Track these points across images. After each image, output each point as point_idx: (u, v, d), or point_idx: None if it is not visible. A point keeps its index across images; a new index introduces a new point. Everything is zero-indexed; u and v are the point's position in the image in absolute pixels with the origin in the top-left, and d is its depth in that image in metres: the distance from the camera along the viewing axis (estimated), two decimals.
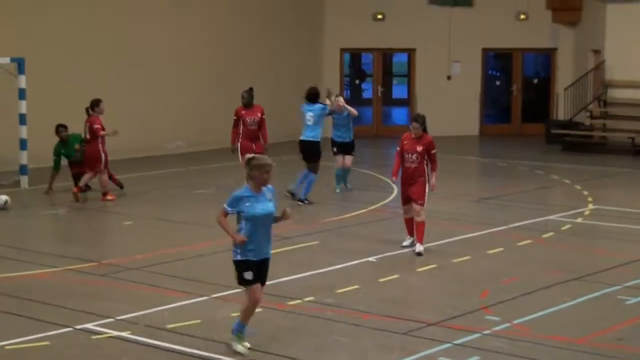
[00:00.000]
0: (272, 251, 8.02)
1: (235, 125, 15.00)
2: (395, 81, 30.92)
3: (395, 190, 16.89)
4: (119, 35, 20.21)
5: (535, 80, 28.44)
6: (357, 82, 29.70)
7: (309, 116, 15.44)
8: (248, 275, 8.05)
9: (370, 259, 11.27)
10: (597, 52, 25.30)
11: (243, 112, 14.89)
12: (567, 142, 23.38)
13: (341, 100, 16.25)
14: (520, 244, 12.26)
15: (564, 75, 26.57)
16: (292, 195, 15.36)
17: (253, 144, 14.75)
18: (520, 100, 27.41)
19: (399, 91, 30.08)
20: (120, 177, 16.25)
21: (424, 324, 8.51)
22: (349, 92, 28.04)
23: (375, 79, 26.65)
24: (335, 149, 16.41)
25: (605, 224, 13.89)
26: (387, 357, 7.86)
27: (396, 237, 12.13)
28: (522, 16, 26.30)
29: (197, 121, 21.74)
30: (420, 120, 11.64)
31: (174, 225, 13.63)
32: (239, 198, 8.00)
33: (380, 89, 26.64)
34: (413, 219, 11.57)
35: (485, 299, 9.51)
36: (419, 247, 11.21)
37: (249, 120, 14.80)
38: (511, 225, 13.61)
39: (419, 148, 11.82)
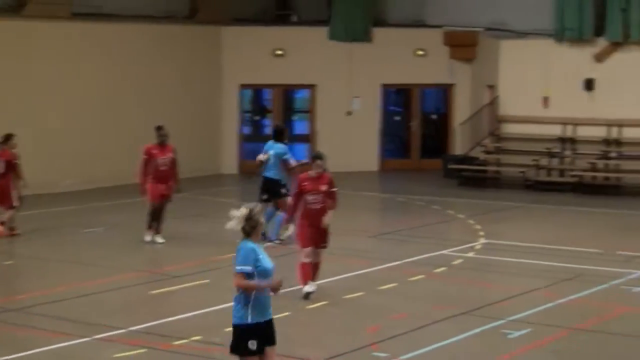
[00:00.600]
0: (161, 290, 7.96)
1: (145, 165, 14.32)
2: (296, 117, 31.25)
3: (291, 228, 17.17)
4: (13, 72, 20.14)
5: (434, 116, 29.21)
6: (257, 118, 30.00)
7: (269, 154, 15.53)
8: (252, 345, 7.31)
9: None
10: (491, 87, 26.27)
11: (155, 151, 14.30)
12: (463, 177, 24.10)
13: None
14: (413, 279, 12.57)
15: (461, 110, 27.46)
16: (263, 236, 14.79)
17: (164, 185, 14.32)
18: (419, 136, 28.01)
19: (300, 127, 30.46)
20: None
21: None
22: (249, 128, 28.31)
23: (275, 115, 26.94)
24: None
25: (495, 258, 14.35)
26: None
27: (291, 274, 12.20)
28: (420, 52, 27.06)
29: (91, 158, 21.64)
30: (323, 157, 11.68)
31: (58, 265, 13.49)
32: (251, 251, 7.40)
33: (281, 125, 26.70)
34: (313, 263, 11.52)
35: (374, 335, 9.68)
36: (312, 287, 11.25)
37: (160, 161, 14.25)
38: (406, 260, 13.93)
39: (323, 187, 11.72)
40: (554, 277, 13.49)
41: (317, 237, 11.36)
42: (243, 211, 7.57)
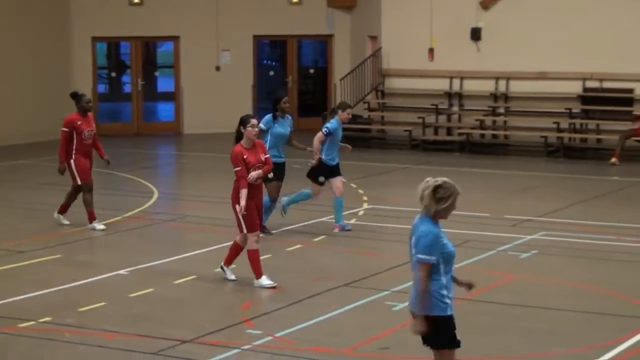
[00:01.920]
0: (5, 267, 7.86)
1: (68, 138, 13.56)
2: (158, 73, 31.25)
3: (156, 194, 17.22)
4: None
5: (312, 70, 29.58)
6: (113, 74, 29.97)
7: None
8: (453, 333, 7.46)
9: (122, 271, 11.33)
10: (374, 38, 26.71)
11: (79, 122, 13.54)
12: (345, 137, 24.07)
13: None
14: (290, 249, 12.85)
15: (341, 64, 27.83)
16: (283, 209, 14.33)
17: (89, 161, 13.74)
18: (297, 92, 28.36)
19: (163, 84, 30.52)
20: None
21: (177, 342, 8.73)
22: (105, 86, 27.97)
23: (134, 71, 26.92)
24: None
25: (379, 225, 14.76)
26: None
27: (153, 247, 12.40)
28: (295, 0, 27.36)
29: None
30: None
31: None
32: (436, 236, 7.27)
33: (140, 82, 26.97)
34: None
35: (248, 311, 9.89)
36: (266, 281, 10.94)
37: (86, 133, 13.56)
38: (282, 229, 14.17)
39: (263, 156, 11.22)
40: None
41: (259, 217, 11.09)
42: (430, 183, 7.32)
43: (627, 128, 23.69)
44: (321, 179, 14.20)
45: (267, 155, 11.28)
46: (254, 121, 11.04)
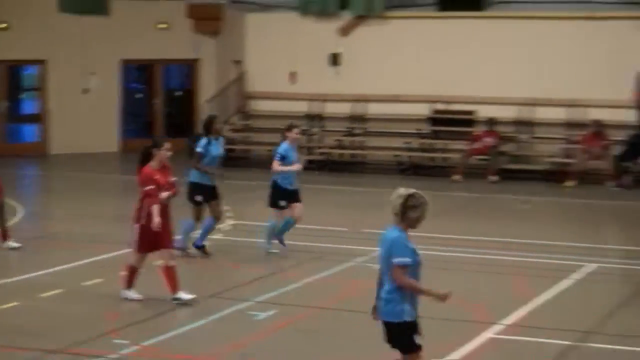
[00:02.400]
0: None
1: None
2: (24, 95, 31.47)
3: (22, 213, 17.08)
4: None
5: (179, 93, 29.82)
6: None
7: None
8: (419, 339, 7.48)
9: None
10: (238, 62, 27.24)
11: None
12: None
13: None
14: (154, 263, 12.90)
15: (207, 86, 28.28)
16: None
17: None
18: (163, 114, 28.71)
19: (28, 106, 30.71)
20: None
21: (45, 352, 8.77)
22: None
23: (0, 93, 26.77)
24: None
25: (242, 239, 15.05)
26: None
27: (18, 262, 12.46)
28: (162, 25, 27.65)
29: None
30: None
31: None
32: (407, 240, 7.46)
33: (4, 104, 26.78)
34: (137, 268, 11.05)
35: (114, 322, 9.97)
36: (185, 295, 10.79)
37: None
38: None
39: (170, 179, 11.20)
40: (301, 257, 14.28)
41: (166, 237, 11.01)
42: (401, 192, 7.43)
43: (468, 147, 24.61)
44: (282, 203, 13.95)
45: (175, 179, 11.21)
46: (168, 145, 10.96)
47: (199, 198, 13.74)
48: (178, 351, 9.19)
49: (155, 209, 10.77)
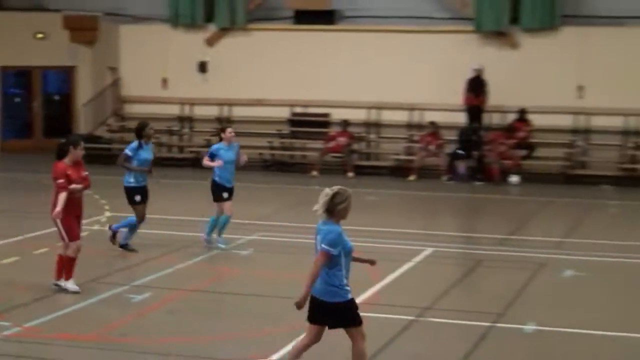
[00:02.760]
0: None
1: None
2: None
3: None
4: None
5: (57, 96, 29.35)
6: None
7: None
8: (356, 313, 7.88)
9: None
10: (114, 69, 27.09)
11: None
12: (89, 155, 24.08)
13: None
14: (37, 252, 12.80)
15: (84, 91, 27.93)
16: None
17: None
18: (41, 116, 28.34)
19: None
20: None
21: None
22: None
23: None
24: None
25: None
26: None
27: None
28: (40, 35, 27.37)
29: None
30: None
31: None
32: (340, 234, 7.67)
33: None
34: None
35: None
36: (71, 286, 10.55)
37: None
38: (27, 236, 14.19)
39: (83, 173, 10.99)
40: (173, 245, 14.34)
41: (79, 227, 11.02)
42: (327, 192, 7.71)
43: (324, 146, 25.03)
44: (225, 194, 13.86)
45: (86, 173, 11.01)
46: (83, 144, 10.91)
47: (138, 198, 13.87)
48: (59, 331, 9.10)
49: (62, 198, 10.56)
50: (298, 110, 26.77)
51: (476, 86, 24.70)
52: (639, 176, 24.34)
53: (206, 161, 14.03)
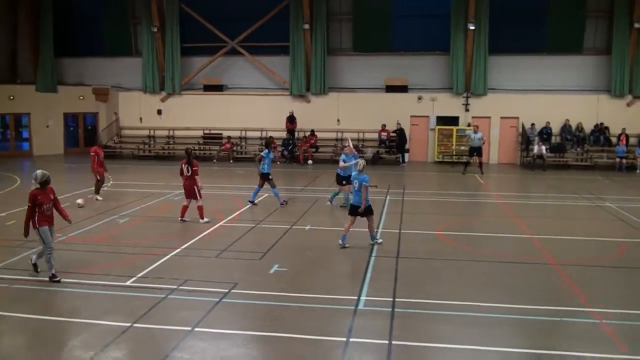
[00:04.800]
0: None
1: None
2: None
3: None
4: None
5: (90, 127, 32.50)
6: None
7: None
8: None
9: None
10: (116, 113, 31.29)
11: None
12: (106, 155, 21.63)
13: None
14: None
15: (102, 124, 31.99)
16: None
17: None
18: (83, 136, 32.19)
19: None
20: None
21: None
22: None
23: None
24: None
25: None
26: None
27: None
28: (81, 97, 31.33)
29: None
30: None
31: None
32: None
33: None
34: None
35: None
36: None
37: None
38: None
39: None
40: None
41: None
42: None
43: (219, 148, 28.93)
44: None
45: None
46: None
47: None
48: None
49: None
50: (207, 131, 31.75)
51: (291, 119, 30.95)
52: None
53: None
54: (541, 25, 30.54)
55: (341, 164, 15.36)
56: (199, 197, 15.15)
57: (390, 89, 31.34)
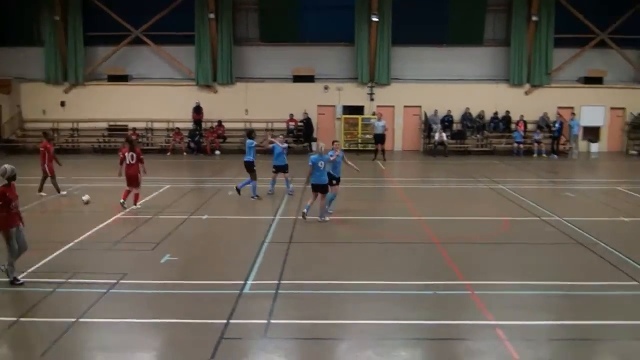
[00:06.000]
0: None
1: None
2: None
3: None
4: None
5: None
6: None
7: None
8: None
9: None
10: (19, 106, 30.75)
11: None
12: (7, 148, 28.83)
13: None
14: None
15: (5, 116, 30.98)
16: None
17: None
18: None
19: None
20: None
21: None
22: None
23: None
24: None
25: None
26: None
27: None
28: None
29: None
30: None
31: None
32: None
33: None
34: None
35: None
36: None
37: None
38: None
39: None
40: None
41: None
42: None
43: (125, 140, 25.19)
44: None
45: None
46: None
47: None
48: None
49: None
50: (112, 124, 31.70)
51: (198, 110, 31.28)
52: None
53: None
54: (443, 18, 31.70)
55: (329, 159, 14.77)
56: (139, 185, 15.59)
57: (297, 79, 31.96)
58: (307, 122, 31.47)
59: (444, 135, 30.94)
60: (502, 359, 7.93)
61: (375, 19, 31.42)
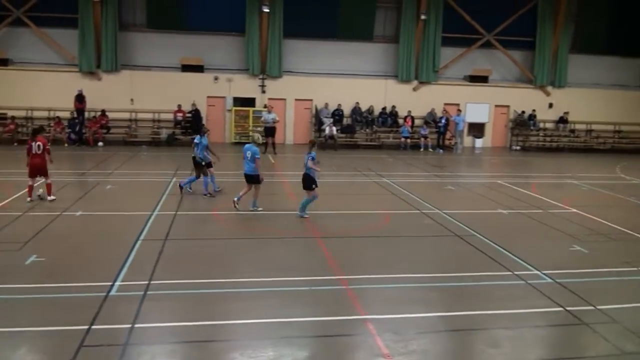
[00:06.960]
0: None
1: None
2: None
3: None
4: None
5: None
6: None
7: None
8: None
9: None
10: None
11: None
12: None
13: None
14: None
15: None
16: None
17: None
18: None
19: None
20: None
21: None
22: None
23: None
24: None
25: None
26: None
27: None
28: None
29: None
30: None
31: None
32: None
33: None
34: None
35: None
36: None
37: None
38: None
39: None
40: None
41: None
42: None
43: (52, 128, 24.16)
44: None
45: None
46: None
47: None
48: None
49: None
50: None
51: (80, 98, 29.93)
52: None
53: None
54: (334, 12, 32.23)
55: (310, 163, 14.26)
56: (47, 174, 15.38)
57: (186, 68, 31.43)
58: (195, 113, 30.91)
59: (334, 129, 31.37)
60: (371, 353, 7.99)
61: (266, 10, 31.43)
